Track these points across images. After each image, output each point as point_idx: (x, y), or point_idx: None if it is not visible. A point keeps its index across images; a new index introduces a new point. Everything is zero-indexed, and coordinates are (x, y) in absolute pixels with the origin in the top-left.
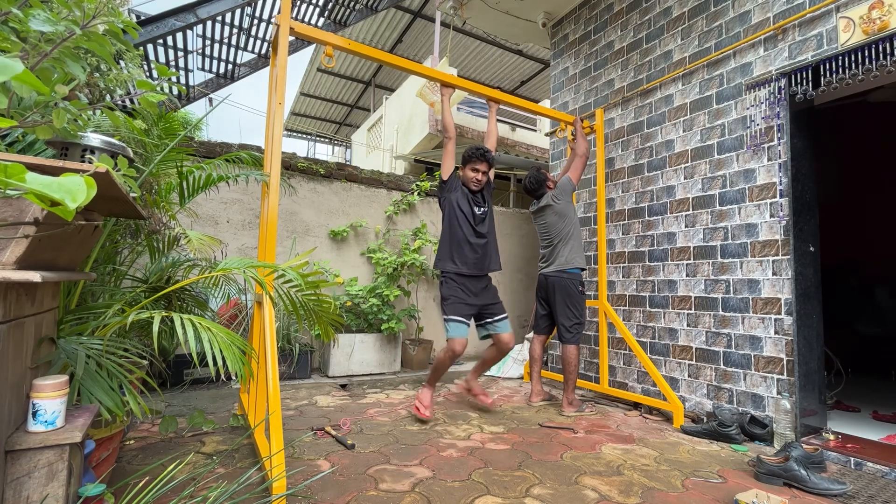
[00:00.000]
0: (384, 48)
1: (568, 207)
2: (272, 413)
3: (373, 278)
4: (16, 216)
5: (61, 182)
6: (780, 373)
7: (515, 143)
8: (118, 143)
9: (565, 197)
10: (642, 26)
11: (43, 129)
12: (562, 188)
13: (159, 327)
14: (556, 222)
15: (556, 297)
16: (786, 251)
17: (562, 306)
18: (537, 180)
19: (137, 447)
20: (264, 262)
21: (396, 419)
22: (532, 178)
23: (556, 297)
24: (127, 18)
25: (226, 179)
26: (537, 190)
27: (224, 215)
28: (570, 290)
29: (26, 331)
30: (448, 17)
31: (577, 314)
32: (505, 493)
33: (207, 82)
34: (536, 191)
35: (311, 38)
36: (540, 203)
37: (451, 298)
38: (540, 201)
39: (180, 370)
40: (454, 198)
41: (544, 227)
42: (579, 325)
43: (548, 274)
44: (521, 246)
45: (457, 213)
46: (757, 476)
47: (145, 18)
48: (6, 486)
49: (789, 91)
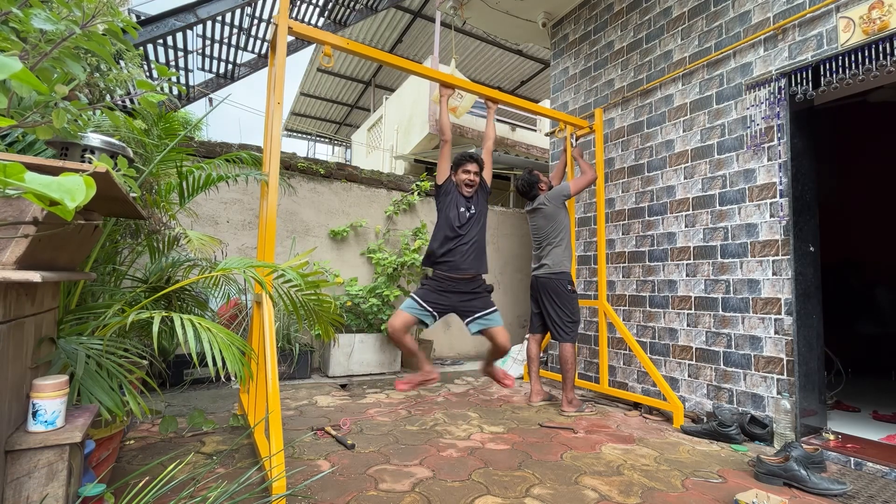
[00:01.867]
0: (384, 48)
1: (558, 212)
2: (272, 413)
3: (373, 278)
4: (16, 216)
5: (60, 182)
6: (780, 373)
7: (515, 143)
8: (118, 143)
9: (556, 202)
10: (642, 26)
11: (43, 129)
12: (555, 192)
13: (159, 327)
14: (545, 225)
15: (547, 298)
16: (786, 251)
17: (553, 306)
18: (529, 182)
19: (137, 447)
20: (264, 262)
21: (396, 419)
22: (524, 180)
23: (547, 298)
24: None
25: (226, 179)
26: (529, 191)
27: (224, 215)
28: (559, 290)
29: (26, 331)
30: (448, 17)
31: (569, 313)
32: (505, 493)
33: (207, 82)
34: (528, 192)
35: (310, 37)
36: (533, 204)
37: (425, 285)
38: (533, 203)
39: (180, 370)
40: (447, 201)
41: (534, 229)
42: (573, 323)
43: (538, 276)
44: (521, 246)
45: (447, 214)
46: (757, 476)
47: (145, 18)
48: (6, 485)
49: (789, 91)
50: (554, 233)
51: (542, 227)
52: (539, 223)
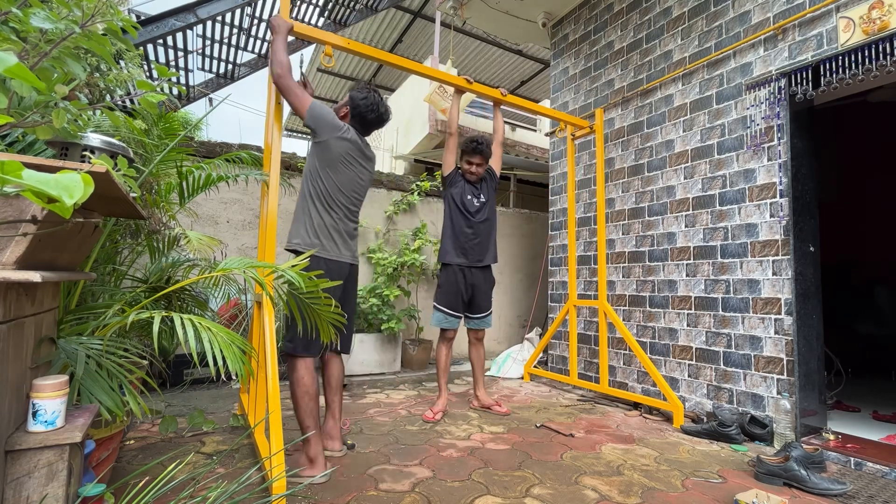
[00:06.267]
0: (384, 48)
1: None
2: (272, 413)
3: (373, 278)
4: (15, 216)
5: (58, 179)
6: (780, 373)
7: (515, 143)
8: (118, 143)
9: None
10: (642, 26)
11: (43, 129)
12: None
13: (159, 327)
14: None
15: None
16: (786, 251)
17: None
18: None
19: (137, 447)
20: (264, 262)
21: (396, 419)
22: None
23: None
24: (126, 18)
25: (226, 179)
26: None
27: (224, 215)
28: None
29: (26, 331)
30: (448, 17)
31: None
32: (505, 493)
33: (207, 82)
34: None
35: (310, 37)
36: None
37: (445, 287)
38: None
39: (180, 370)
40: (455, 191)
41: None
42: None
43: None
44: (521, 246)
45: (457, 205)
46: (757, 476)
47: (145, 18)
48: (6, 486)
49: (789, 91)
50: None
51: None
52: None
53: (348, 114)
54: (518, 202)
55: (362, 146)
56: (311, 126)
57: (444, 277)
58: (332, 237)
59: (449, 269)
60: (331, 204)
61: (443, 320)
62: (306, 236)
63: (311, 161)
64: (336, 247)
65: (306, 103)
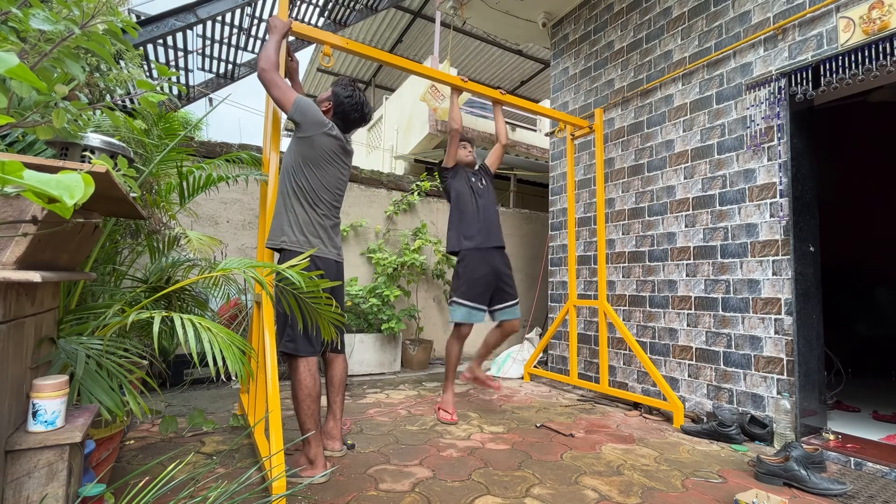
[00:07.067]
0: (384, 48)
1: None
2: (272, 413)
3: (373, 278)
4: (15, 216)
5: (59, 179)
6: (780, 373)
7: (515, 143)
8: (118, 143)
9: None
10: (642, 26)
11: (43, 129)
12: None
13: (159, 327)
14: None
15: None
16: (786, 251)
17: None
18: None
19: (137, 447)
20: (264, 263)
21: (396, 419)
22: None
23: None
24: (126, 18)
25: (226, 179)
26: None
27: (224, 215)
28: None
29: (26, 331)
30: (448, 17)
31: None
32: (505, 493)
33: (207, 82)
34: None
35: (309, 37)
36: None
37: (465, 276)
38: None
39: (180, 370)
40: (460, 176)
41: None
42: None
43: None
44: (520, 246)
45: (463, 190)
46: (757, 476)
47: (145, 18)
48: (6, 486)
49: (789, 91)
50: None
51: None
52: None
53: (330, 109)
54: (518, 202)
55: (344, 142)
56: (297, 120)
57: (463, 266)
58: (318, 234)
59: (466, 256)
60: (315, 201)
61: (467, 315)
62: (292, 234)
63: (291, 156)
64: (322, 243)
65: (291, 97)
